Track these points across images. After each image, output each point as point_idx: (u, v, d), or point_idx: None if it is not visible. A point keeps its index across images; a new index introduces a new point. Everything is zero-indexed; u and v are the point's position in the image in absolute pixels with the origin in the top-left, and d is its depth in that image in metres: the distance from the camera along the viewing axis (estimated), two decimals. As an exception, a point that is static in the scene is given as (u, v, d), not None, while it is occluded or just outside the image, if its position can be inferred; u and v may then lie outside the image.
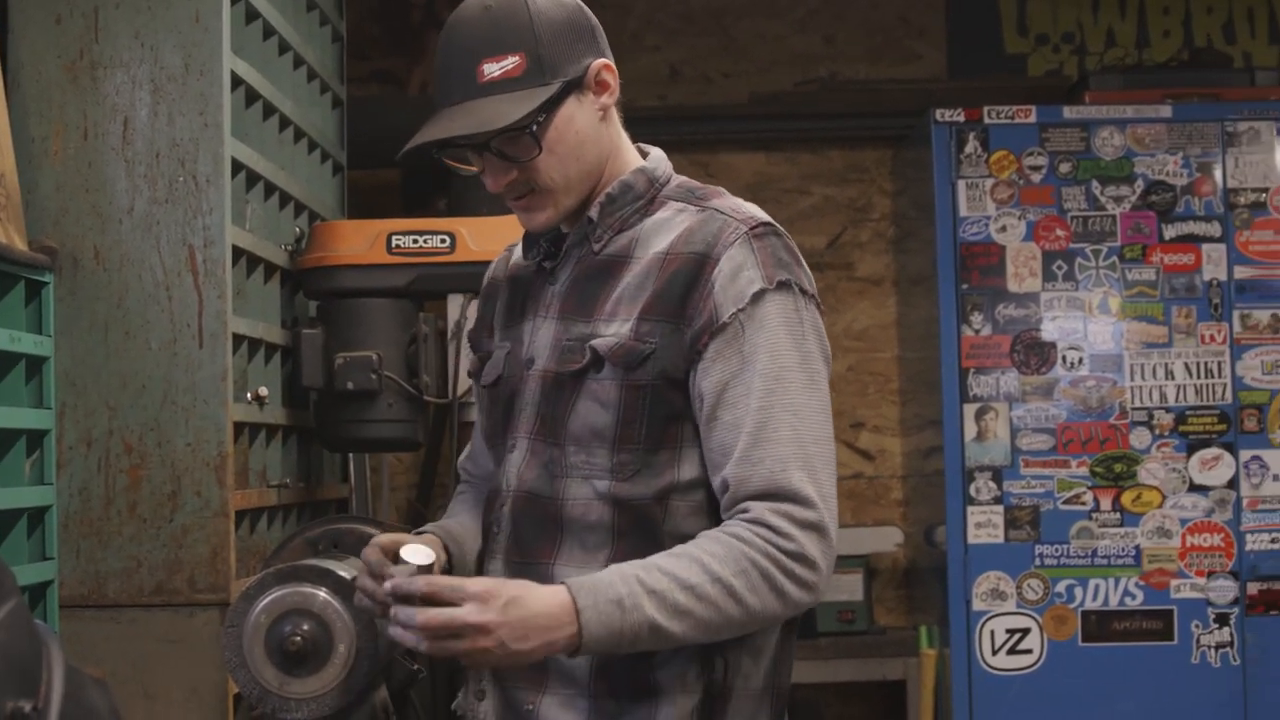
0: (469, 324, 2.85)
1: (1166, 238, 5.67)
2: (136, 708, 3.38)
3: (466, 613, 2.23)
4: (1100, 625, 5.61)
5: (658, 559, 2.34)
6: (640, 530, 2.43)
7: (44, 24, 3.52)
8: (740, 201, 2.55)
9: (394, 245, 4.08)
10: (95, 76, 3.51)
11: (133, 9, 3.51)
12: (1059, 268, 5.68)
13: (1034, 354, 5.66)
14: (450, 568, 2.58)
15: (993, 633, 5.61)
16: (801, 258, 2.49)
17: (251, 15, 3.92)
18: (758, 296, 2.40)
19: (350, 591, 2.65)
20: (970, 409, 5.65)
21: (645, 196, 2.55)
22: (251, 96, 3.88)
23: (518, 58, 2.44)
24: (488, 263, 2.81)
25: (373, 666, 2.68)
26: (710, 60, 6.64)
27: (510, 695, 2.49)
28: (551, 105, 2.45)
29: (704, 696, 2.44)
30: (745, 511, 2.36)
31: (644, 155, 2.63)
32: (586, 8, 2.56)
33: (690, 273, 2.42)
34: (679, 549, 2.35)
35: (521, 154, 2.46)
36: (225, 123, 3.52)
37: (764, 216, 2.50)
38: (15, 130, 3.46)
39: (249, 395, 3.72)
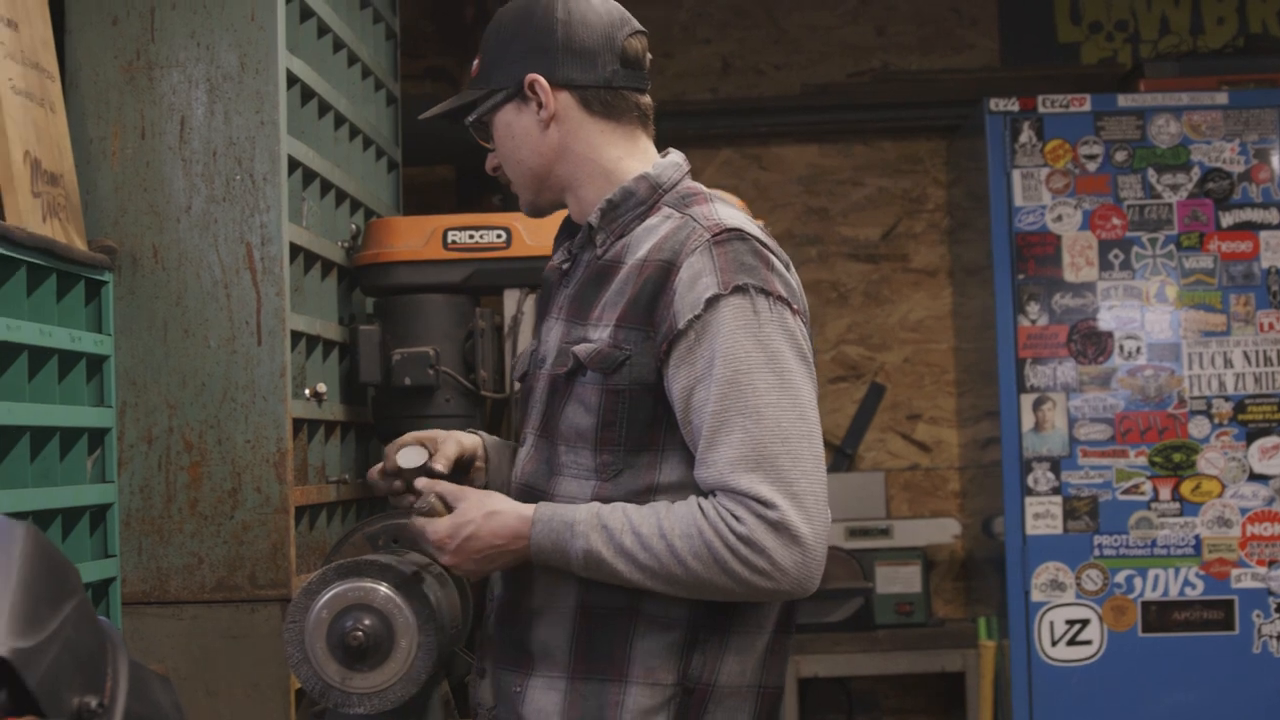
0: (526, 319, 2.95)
1: (1224, 225, 5.64)
2: (198, 704, 3.40)
3: (433, 533, 2.56)
4: (1160, 616, 5.59)
5: (629, 506, 2.50)
6: None
7: (101, 25, 3.54)
8: (720, 208, 2.61)
9: (450, 241, 4.09)
10: (152, 76, 3.53)
11: (189, 9, 3.52)
12: (1116, 256, 5.65)
13: (1091, 343, 5.64)
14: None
15: (1052, 624, 5.59)
16: (775, 262, 2.54)
17: (306, 13, 3.93)
18: (712, 302, 2.47)
19: (412, 586, 2.67)
20: (1027, 399, 5.63)
21: (647, 202, 2.64)
22: (307, 94, 3.89)
23: (477, 61, 2.74)
24: (543, 258, 2.89)
25: (434, 660, 2.68)
26: (762, 52, 6.63)
27: (502, 678, 2.63)
28: (474, 108, 2.71)
29: (679, 690, 2.53)
30: (714, 496, 2.47)
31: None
32: (574, 27, 2.66)
33: (658, 280, 2.52)
34: (658, 504, 2.50)
35: (486, 145, 2.75)
36: (281, 121, 3.53)
37: (732, 223, 2.55)
38: (74, 131, 3.49)
39: (307, 392, 3.73)
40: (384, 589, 2.68)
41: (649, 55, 2.72)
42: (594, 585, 2.53)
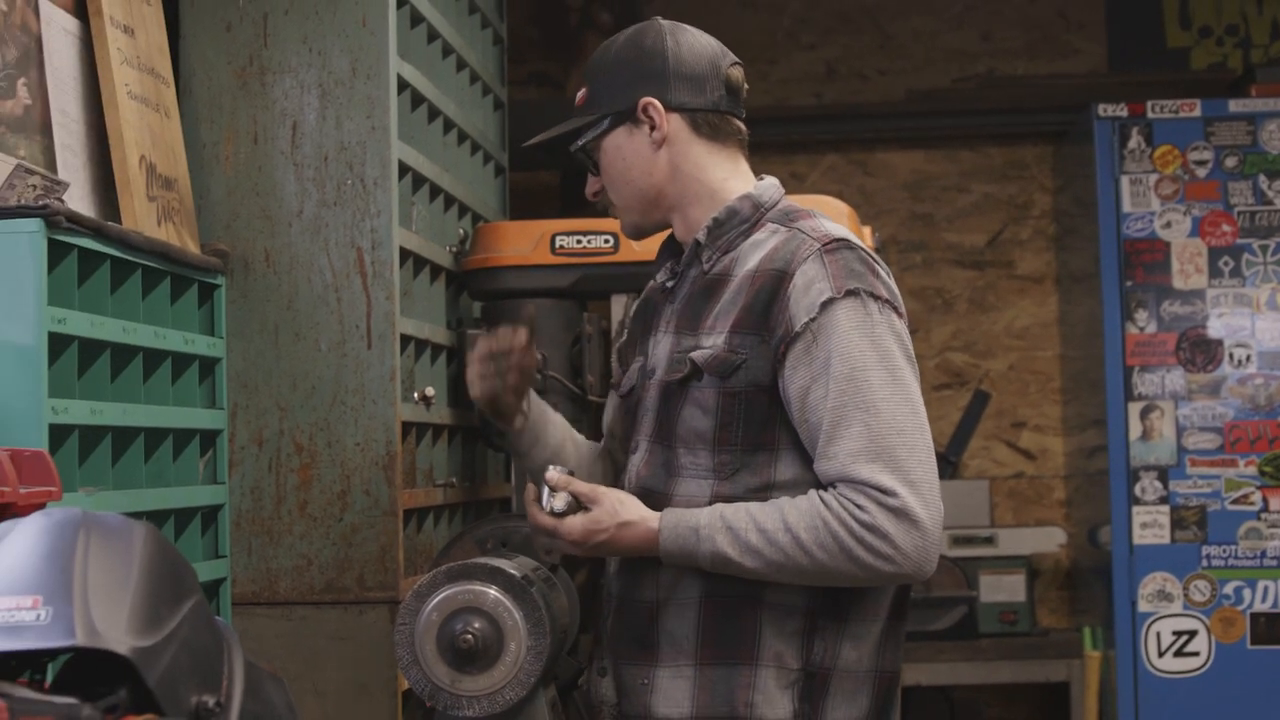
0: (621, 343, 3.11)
1: (1336, 232, 5.57)
2: (307, 704, 3.42)
3: (567, 532, 2.66)
4: (1270, 627, 5.52)
5: (750, 504, 2.62)
6: None
7: (215, 31, 3.58)
8: (825, 221, 2.76)
9: (558, 246, 4.10)
10: (265, 82, 3.56)
11: (301, 15, 3.55)
12: (1225, 264, 5.59)
13: (1200, 351, 5.58)
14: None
15: (1159, 635, 5.53)
16: (880, 270, 2.69)
17: (416, 19, 3.96)
18: (827, 305, 2.61)
19: (521, 590, 2.68)
20: (1135, 407, 5.58)
21: (750, 220, 2.79)
22: (417, 100, 3.91)
23: (585, 89, 2.87)
24: (650, 263, 2.96)
25: (543, 664, 2.70)
26: (866, 58, 6.61)
27: (626, 673, 2.74)
28: (585, 132, 2.83)
29: (802, 674, 2.66)
30: (834, 488, 2.59)
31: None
32: (683, 52, 2.80)
33: (771, 288, 2.66)
34: (775, 500, 2.63)
35: (590, 170, 2.88)
36: (392, 126, 3.56)
37: (840, 233, 2.70)
38: (187, 136, 3.53)
39: (416, 395, 3.75)
40: (494, 592, 2.69)
41: (746, 85, 2.86)
42: (718, 577, 2.65)
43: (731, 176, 2.82)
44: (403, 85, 3.73)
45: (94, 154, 3.16)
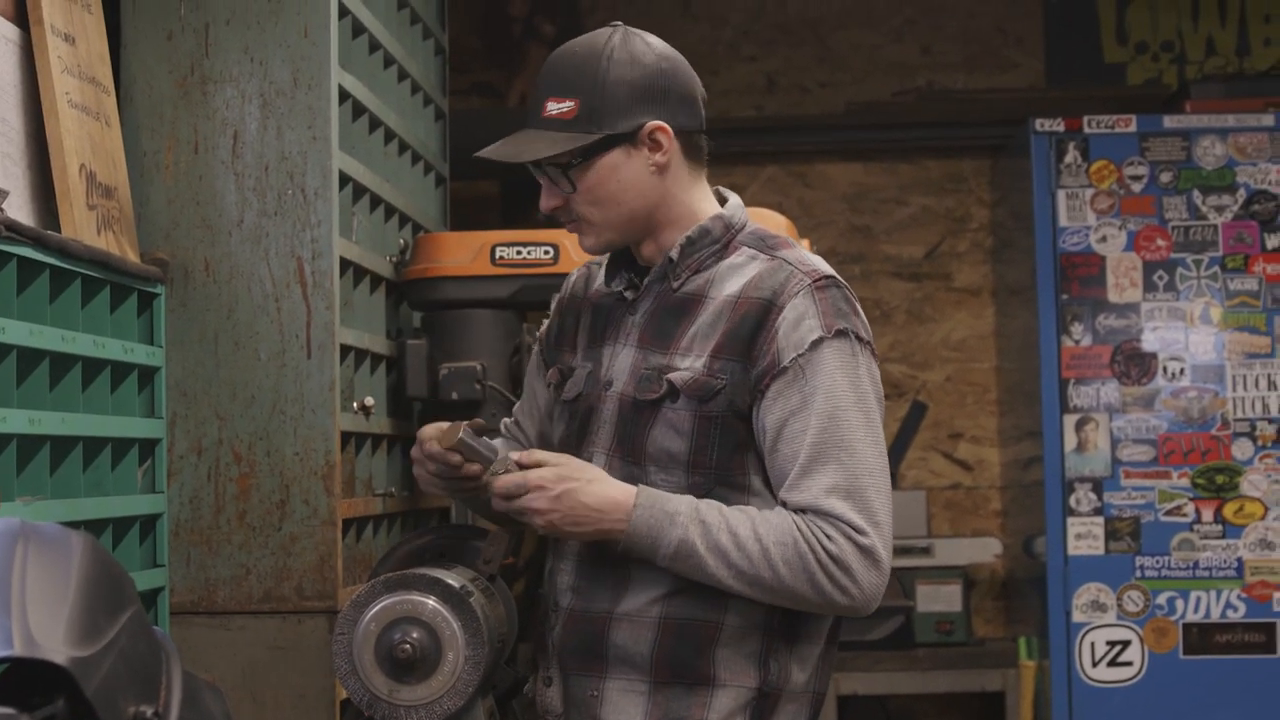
0: (542, 330, 3.07)
1: (1269, 247, 5.63)
2: (245, 713, 3.42)
3: (537, 477, 2.65)
4: (1202, 638, 5.58)
5: (723, 505, 2.65)
6: None
7: (156, 40, 3.57)
8: (806, 253, 2.79)
9: (498, 257, 4.11)
10: (206, 91, 3.56)
11: (243, 25, 3.55)
12: (1160, 278, 5.65)
13: (1135, 364, 5.63)
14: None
15: (1093, 644, 5.58)
16: (859, 309, 2.74)
17: (358, 29, 3.96)
18: (817, 343, 2.65)
19: (460, 600, 2.69)
20: (1070, 419, 5.63)
21: (721, 241, 2.79)
22: (358, 110, 3.92)
23: (574, 103, 2.72)
24: None
25: (481, 674, 2.71)
26: (807, 70, 6.65)
27: (574, 683, 2.76)
28: (588, 153, 2.72)
29: (757, 694, 2.71)
30: (804, 515, 2.63)
31: (722, 200, 2.86)
32: (676, 73, 2.77)
33: (758, 317, 2.68)
34: (747, 507, 2.66)
35: (562, 187, 2.76)
36: (333, 136, 3.56)
37: (827, 270, 2.73)
38: (128, 145, 3.52)
39: (355, 405, 3.76)
40: (432, 602, 2.70)
41: None
42: (677, 597, 2.69)
43: (703, 198, 2.82)
44: (344, 96, 3.74)
45: (34, 162, 3.15)
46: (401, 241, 4.27)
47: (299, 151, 3.54)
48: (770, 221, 3.82)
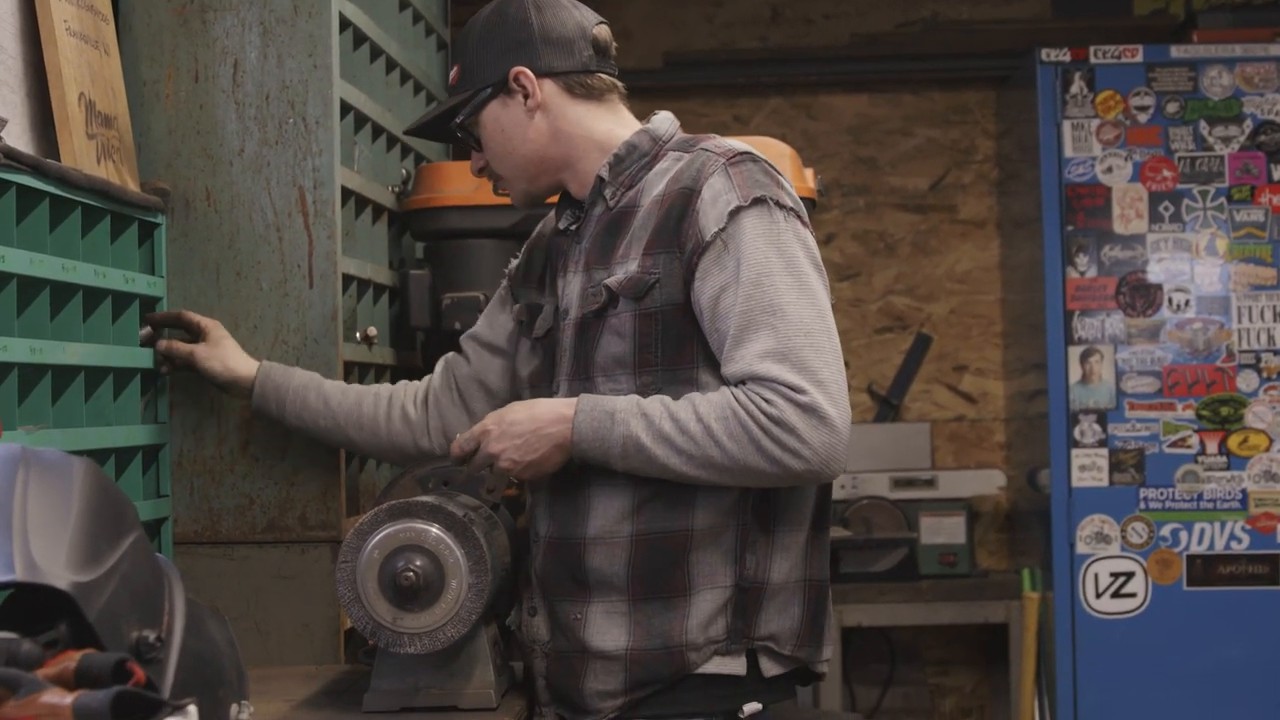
0: (511, 267, 3.20)
1: (1276, 178, 5.61)
2: (249, 642, 3.42)
3: (482, 429, 2.79)
4: (1205, 569, 5.58)
5: (665, 397, 2.70)
6: None
7: (155, -33, 3.54)
8: (727, 140, 2.85)
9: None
10: (205, 20, 3.53)
11: (242, -49, 3.52)
12: (1166, 209, 5.63)
13: (1140, 296, 5.62)
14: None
15: (1096, 576, 5.59)
16: (783, 181, 2.76)
17: (358, -43, 3.93)
18: (735, 213, 2.69)
19: (462, 528, 2.69)
20: (1075, 351, 5.62)
21: (650, 153, 2.87)
22: (359, 38, 3.89)
23: (457, 68, 2.98)
24: None
25: (484, 601, 2.71)
26: (811, 1, 6.60)
27: (558, 609, 2.84)
28: (469, 110, 2.92)
29: (735, 590, 2.75)
30: (743, 385, 2.65)
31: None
32: (545, 18, 2.90)
33: (680, 206, 2.74)
34: (686, 395, 2.69)
35: (473, 147, 2.97)
36: (334, 65, 3.54)
37: (743, 147, 2.79)
38: (127, 74, 3.50)
39: (358, 335, 3.75)
40: (435, 530, 2.70)
41: (614, 44, 2.96)
42: (644, 511, 2.74)
43: (617, 125, 2.91)
44: (345, 24, 3.71)
45: (32, 90, 3.13)
46: (403, 171, 4.25)
47: (300, 80, 3.52)
48: (773, 150, 3.80)
